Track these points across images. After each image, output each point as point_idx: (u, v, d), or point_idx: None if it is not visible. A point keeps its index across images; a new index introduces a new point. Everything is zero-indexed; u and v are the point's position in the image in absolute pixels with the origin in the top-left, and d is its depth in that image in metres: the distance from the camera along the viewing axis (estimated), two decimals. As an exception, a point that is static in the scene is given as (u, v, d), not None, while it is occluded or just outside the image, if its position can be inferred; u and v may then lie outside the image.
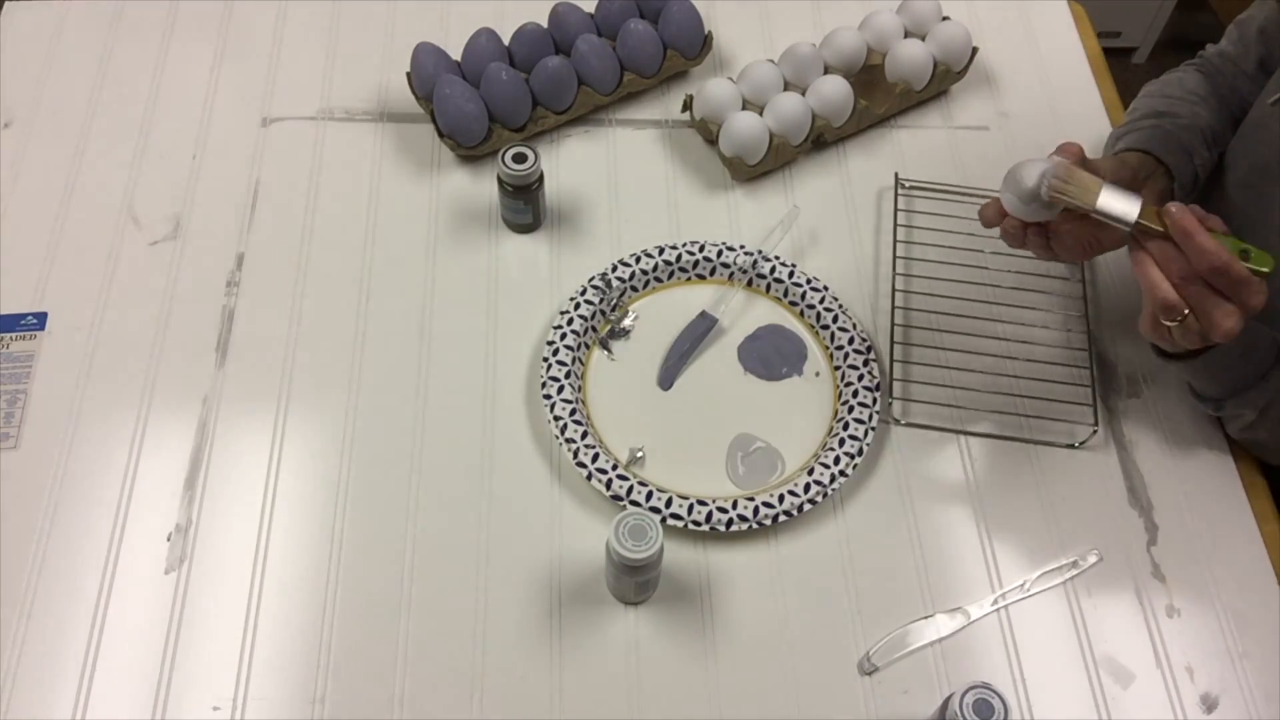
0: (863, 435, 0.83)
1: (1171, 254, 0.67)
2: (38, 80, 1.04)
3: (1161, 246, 0.68)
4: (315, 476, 0.82)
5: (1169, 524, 0.82)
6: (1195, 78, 0.91)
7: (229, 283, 0.92)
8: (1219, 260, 0.65)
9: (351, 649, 0.75)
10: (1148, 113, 0.88)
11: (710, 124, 1.00)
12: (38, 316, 0.89)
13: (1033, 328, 0.91)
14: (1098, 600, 0.79)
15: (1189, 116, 0.87)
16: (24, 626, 0.75)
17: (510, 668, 0.74)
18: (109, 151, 0.99)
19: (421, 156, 1.01)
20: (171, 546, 0.79)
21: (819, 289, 0.91)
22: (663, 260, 0.92)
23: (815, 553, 0.80)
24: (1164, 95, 0.90)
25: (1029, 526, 0.82)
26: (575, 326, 0.87)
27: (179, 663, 0.74)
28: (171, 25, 1.09)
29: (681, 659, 0.75)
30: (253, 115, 1.03)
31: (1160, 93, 0.91)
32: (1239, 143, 0.90)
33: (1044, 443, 0.85)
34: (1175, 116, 0.87)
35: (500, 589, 0.77)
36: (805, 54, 1.01)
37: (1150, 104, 0.90)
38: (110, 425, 0.84)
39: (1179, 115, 0.87)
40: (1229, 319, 0.67)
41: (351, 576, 0.78)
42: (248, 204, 0.96)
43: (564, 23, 1.02)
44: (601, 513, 0.81)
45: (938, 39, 1.03)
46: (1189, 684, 0.75)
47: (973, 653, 0.76)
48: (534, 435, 0.84)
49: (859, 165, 1.02)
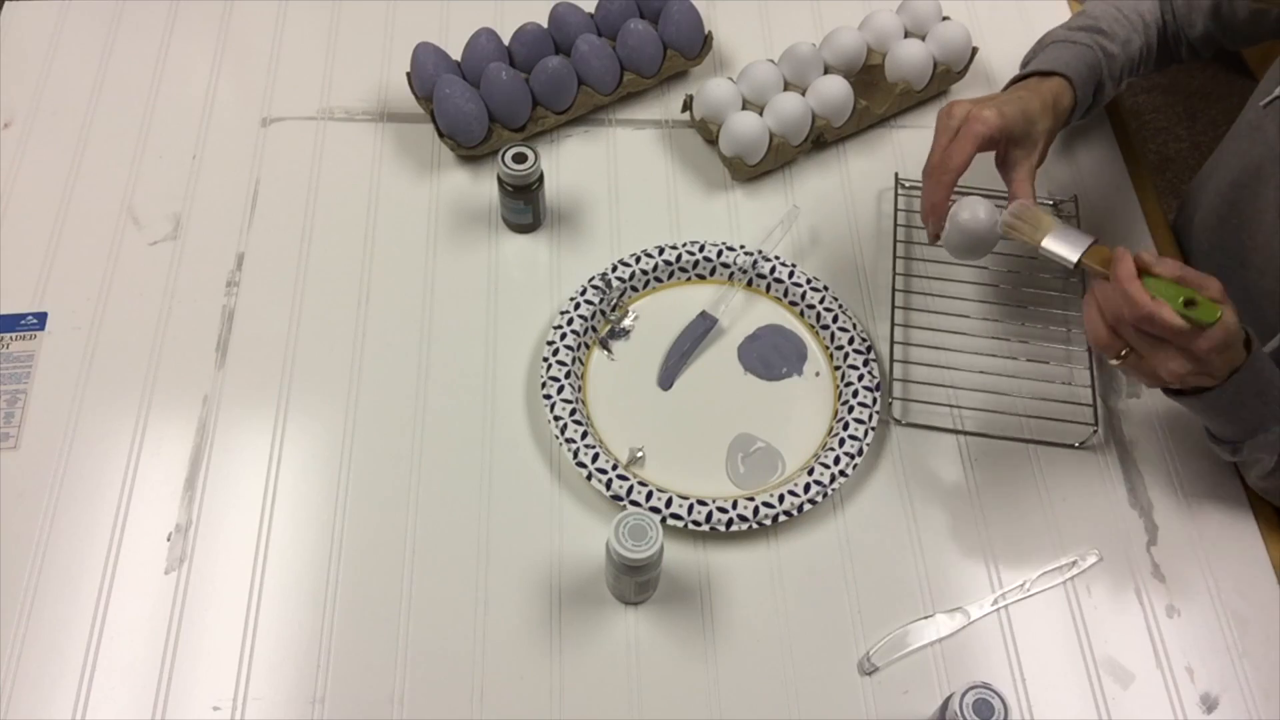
0: (863, 435, 0.83)
1: (1111, 295, 0.68)
2: (38, 80, 1.04)
3: (1104, 287, 0.69)
4: (315, 476, 0.82)
5: (1169, 524, 0.82)
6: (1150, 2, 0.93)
7: (229, 283, 0.92)
8: (1144, 310, 0.65)
9: (351, 649, 0.75)
10: (1091, 27, 0.90)
11: (710, 124, 1.00)
12: (38, 316, 0.89)
13: (1033, 327, 0.91)
14: (1098, 600, 0.79)
15: (1122, 45, 0.90)
16: (24, 626, 0.75)
17: (510, 668, 0.74)
18: (109, 151, 0.99)
19: (421, 156, 1.01)
20: (171, 546, 0.79)
21: (819, 289, 0.91)
22: (663, 260, 0.92)
23: (815, 553, 0.80)
24: (1115, 9, 0.92)
25: (1029, 526, 0.82)
26: (575, 326, 0.87)
27: (179, 663, 0.74)
28: (171, 25, 1.09)
29: (681, 659, 0.75)
30: (253, 115, 1.03)
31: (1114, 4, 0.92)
32: (1232, 143, 0.90)
33: (1044, 443, 0.85)
34: (1110, 39, 0.89)
35: (500, 589, 0.77)
36: (805, 54, 1.01)
37: (1100, 12, 0.91)
38: (110, 425, 0.84)
39: (1113, 39, 0.89)
40: (1171, 362, 0.68)
41: (351, 576, 0.78)
42: (248, 204, 0.96)
43: (564, 23, 1.02)
44: (601, 513, 0.81)
45: (938, 39, 1.03)
46: (1189, 684, 0.75)
47: (973, 653, 0.76)
48: (534, 435, 0.84)
49: (859, 165, 1.02)
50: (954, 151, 0.79)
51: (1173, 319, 0.65)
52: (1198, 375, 0.69)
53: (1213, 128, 2.12)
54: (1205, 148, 2.07)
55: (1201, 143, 2.10)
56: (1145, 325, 0.66)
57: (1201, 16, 0.91)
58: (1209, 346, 0.67)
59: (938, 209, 0.81)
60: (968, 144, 0.79)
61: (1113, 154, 1.03)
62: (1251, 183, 0.84)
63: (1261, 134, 0.83)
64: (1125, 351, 0.69)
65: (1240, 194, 0.86)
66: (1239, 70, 2.17)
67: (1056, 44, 0.90)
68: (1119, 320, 0.68)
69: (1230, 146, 0.90)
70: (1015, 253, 0.88)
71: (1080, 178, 1.01)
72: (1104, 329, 0.69)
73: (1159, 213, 0.99)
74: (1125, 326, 0.68)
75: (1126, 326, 0.68)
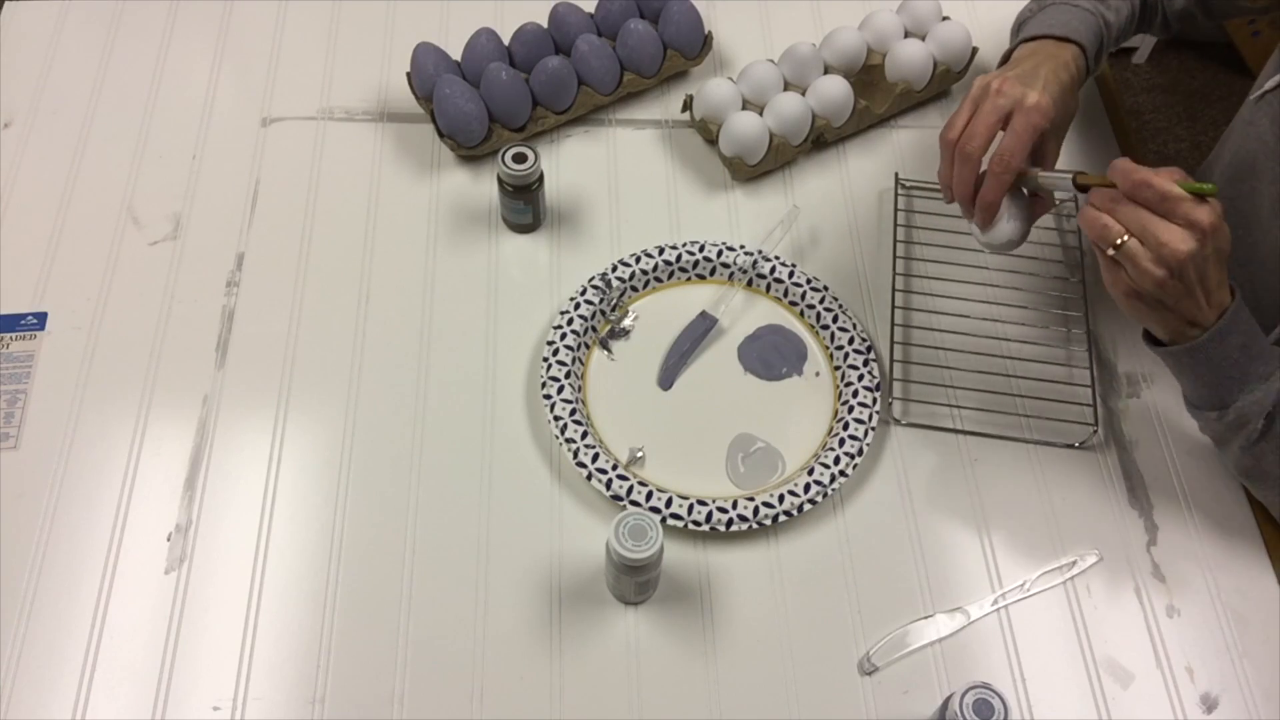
0: (863, 435, 0.83)
1: (1107, 191, 0.68)
2: (38, 80, 1.04)
3: (1100, 189, 0.69)
4: (315, 476, 0.82)
5: (1169, 524, 0.82)
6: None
7: (229, 283, 0.92)
8: (1140, 175, 0.65)
9: (351, 649, 0.75)
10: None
11: (710, 124, 1.00)
12: (38, 316, 0.89)
13: (1033, 327, 0.91)
14: (1098, 600, 0.79)
15: (1114, 11, 0.89)
16: (24, 626, 0.75)
17: (510, 668, 0.74)
18: (109, 151, 0.99)
19: (421, 156, 1.01)
20: (171, 546, 0.79)
21: (819, 289, 0.91)
22: (663, 260, 0.92)
23: (815, 553, 0.80)
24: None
25: (1029, 526, 0.82)
26: (575, 326, 0.87)
27: (179, 663, 0.74)
28: (171, 25, 1.09)
29: (681, 659, 0.75)
30: (253, 115, 1.03)
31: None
32: (1227, 139, 0.90)
33: (1044, 443, 0.85)
34: (1107, 6, 0.89)
35: (500, 589, 0.77)
36: (805, 54, 1.01)
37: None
38: (110, 425, 0.84)
39: (1108, 5, 0.89)
40: (1173, 234, 0.66)
41: (351, 576, 0.78)
42: (248, 204, 0.96)
43: (564, 23, 1.02)
44: (601, 513, 0.81)
45: (938, 39, 1.03)
46: (1189, 684, 0.75)
47: (973, 653, 0.76)
48: (534, 435, 0.84)
49: (859, 165, 1.02)
50: (1015, 149, 0.76)
51: (1168, 184, 0.65)
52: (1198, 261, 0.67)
53: (1213, 128, 2.12)
54: (1205, 148, 2.07)
55: (1201, 143, 2.10)
56: (1144, 191, 0.66)
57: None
58: (1209, 219, 0.66)
59: (993, 208, 0.78)
60: (1027, 138, 0.77)
61: (1113, 154, 1.03)
62: (1247, 178, 0.84)
63: (1255, 129, 0.83)
64: (1124, 237, 0.67)
65: (1236, 189, 0.86)
66: (1239, 70, 2.17)
67: (1060, 6, 0.87)
68: (1116, 201, 0.67)
69: (1226, 143, 0.90)
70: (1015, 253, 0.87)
71: (1080, 178, 1.01)
72: (1101, 213, 0.68)
73: (1159, 213, 0.99)
74: (1123, 207, 0.67)
75: (1124, 207, 0.67)
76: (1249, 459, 0.76)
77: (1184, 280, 0.67)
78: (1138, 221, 0.67)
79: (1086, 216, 0.69)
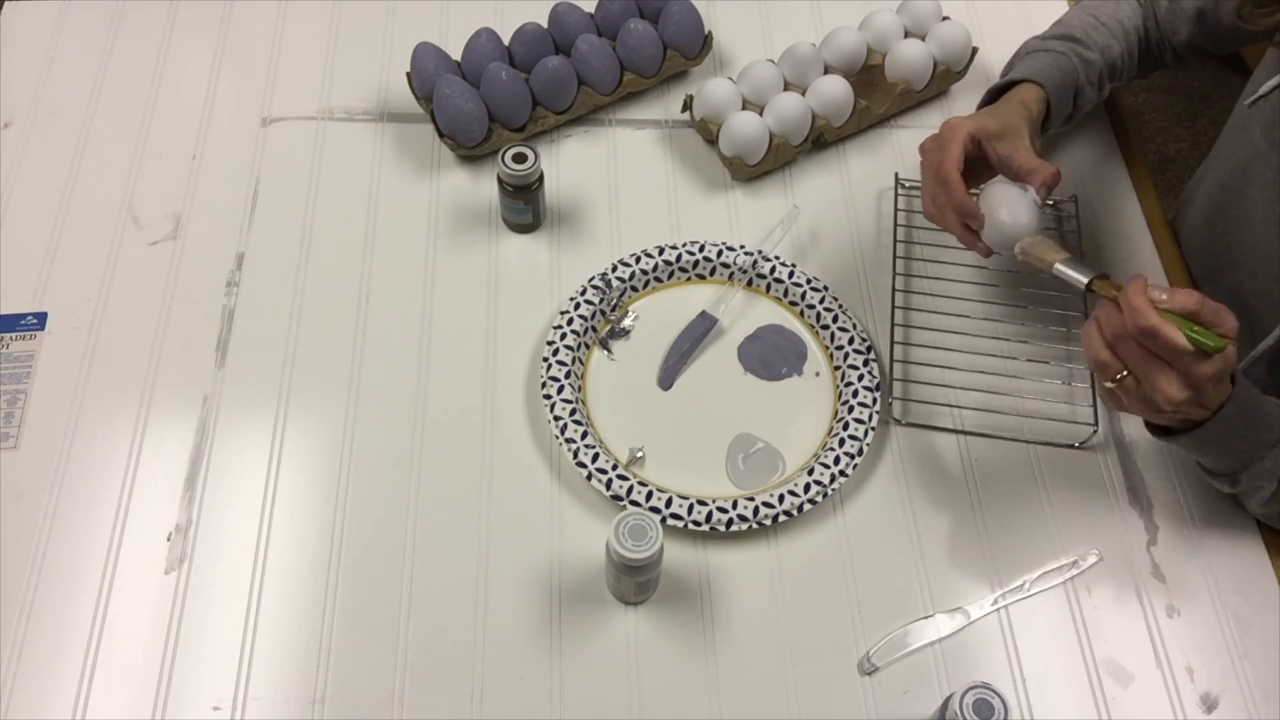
0: (863, 435, 0.83)
1: (1113, 315, 0.67)
2: (38, 80, 1.04)
3: (1106, 308, 0.68)
4: (315, 476, 0.82)
5: (1169, 524, 0.82)
6: (1130, 7, 0.93)
7: (229, 283, 0.92)
8: (1147, 321, 0.63)
9: (351, 649, 0.75)
10: (1066, 35, 0.92)
11: (710, 124, 1.00)
12: (38, 316, 0.89)
13: (1033, 327, 0.91)
14: (1098, 600, 0.79)
15: (1100, 51, 0.91)
16: (24, 626, 0.75)
17: (510, 668, 0.74)
18: (109, 151, 0.99)
19: (421, 156, 1.01)
20: (171, 546, 0.79)
21: (819, 289, 0.91)
22: (663, 260, 0.92)
23: (815, 553, 0.80)
24: (1093, 18, 0.93)
25: (1029, 526, 0.82)
26: (575, 326, 0.87)
27: (179, 663, 0.74)
28: (171, 25, 1.09)
29: (681, 659, 0.75)
30: (253, 115, 1.03)
31: (1090, 13, 0.93)
32: (1221, 144, 0.90)
33: (1044, 443, 0.85)
34: (1086, 46, 0.91)
35: (500, 589, 0.77)
36: (805, 54, 1.01)
37: (1075, 21, 0.93)
38: (110, 425, 0.84)
39: (1090, 45, 0.91)
40: (1170, 385, 0.65)
41: (351, 576, 0.78)
42: (248, 204, 0.96)
43: (564, 23, 1.02)
44: (601, 513, 0.81)
45: (938, 39, 1.03)
46: (1189, 684, 0.75)
47: (973, 653, 0.76)
48: (534, 435, 0.84)
49: (859, 165, 1.02)
50: (946, 158, 0.79)
51: (1178, 336, 0.63)
52: (1191, 405, 0.67)
53: (1213, 128, 2.12)
54: (1205, 148, 2.07)
55: (1201, 143, 2.10)
56: (1149, 340, 0.64)
57: (1185, 23, 0.90)
58: (1210, 373, 0.65)
59: (968, 210, 0.79)
60: (955, 145, 0.79)
61: (1113, 154, 1.03)
62: (1238, 184, 0.84)
63: (1247, 134, 0.83)
64: (1122, 374, 0.67)
65: (1228, 195, 0.86)
66: (1239, 70, 2.17)
67: (1031, 54, 0.91)
68: (1120, 338, 0.66)
69: (1219, 148, 0.90)
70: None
71: (1080, 177, 1.01)
72: (1103, 347, 0.68)
73: (1158, 212, 0.99)
74: (1126, 344, 0.66)
75: (1127, 344, 0.66)
76: (1267, 509, 0.78)
77: (1179, 411, 0.68)
78: (1137, 363, 0.66)
79: (1089, 345, 0.69)
